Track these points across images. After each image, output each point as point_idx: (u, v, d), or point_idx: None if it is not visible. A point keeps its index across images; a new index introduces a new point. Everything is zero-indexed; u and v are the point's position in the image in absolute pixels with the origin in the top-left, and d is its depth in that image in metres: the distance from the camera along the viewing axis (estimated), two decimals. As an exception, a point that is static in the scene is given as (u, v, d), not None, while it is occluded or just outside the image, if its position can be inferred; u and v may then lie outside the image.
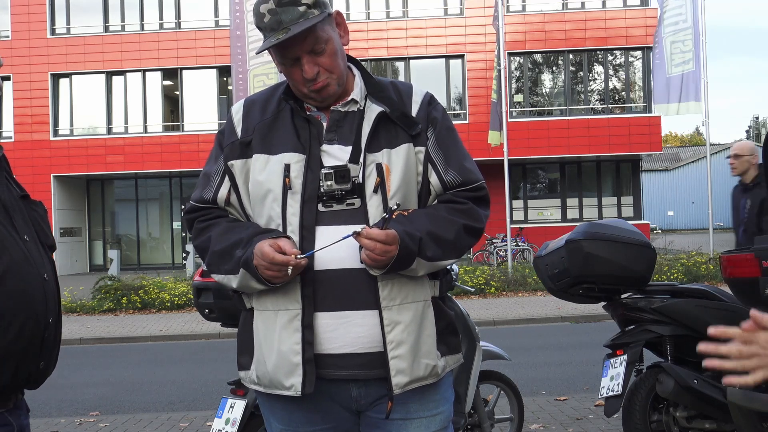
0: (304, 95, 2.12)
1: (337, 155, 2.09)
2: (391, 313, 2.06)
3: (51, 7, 27.60)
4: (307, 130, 2.11)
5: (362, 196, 2.07)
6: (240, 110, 2.20)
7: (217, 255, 2.12)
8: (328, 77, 2.09)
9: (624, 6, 27.53)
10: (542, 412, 6.13)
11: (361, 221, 2.05)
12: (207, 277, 3.98)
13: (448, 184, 2.16)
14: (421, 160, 2.15)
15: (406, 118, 2.14)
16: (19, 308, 1.67)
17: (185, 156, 26.40)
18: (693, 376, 4.12)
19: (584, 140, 26.44)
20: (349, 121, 2.13)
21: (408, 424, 2.16)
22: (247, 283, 2.07)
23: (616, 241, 4.30)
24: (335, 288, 2.04)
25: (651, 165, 47.41)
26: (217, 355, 10.03)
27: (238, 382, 4.09)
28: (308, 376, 2.03)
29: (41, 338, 1.74)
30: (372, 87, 2.18)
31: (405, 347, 2.07)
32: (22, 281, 1.69)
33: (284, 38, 1.99)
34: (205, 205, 2.20)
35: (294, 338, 2.04)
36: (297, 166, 2.07)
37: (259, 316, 2.14)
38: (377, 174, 2.07)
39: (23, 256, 1.72)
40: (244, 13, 15.42)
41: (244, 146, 2.14)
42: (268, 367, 2.09)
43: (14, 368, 1.69)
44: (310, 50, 2.05)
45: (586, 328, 11.19)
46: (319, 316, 2.05)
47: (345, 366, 2.07)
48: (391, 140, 2.11)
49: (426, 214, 2.12)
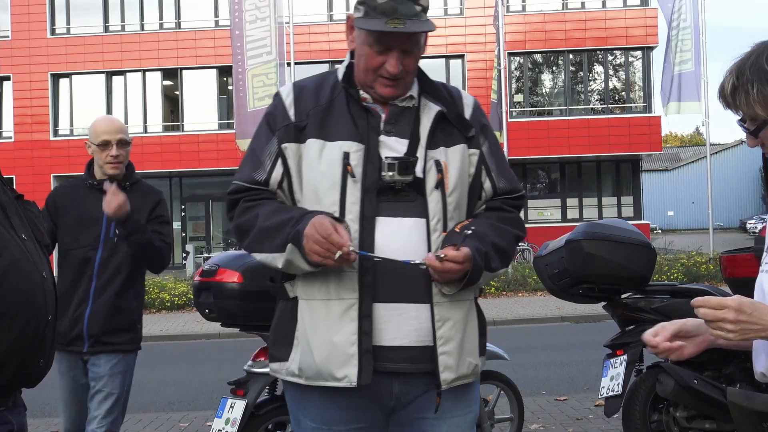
0: (366, 83, 2.13)
1: (394, 147, 2.11)
2: (441, 309, 2.07)
3: (51, 7, 27.59)
4: (365, 120, 2.12)
5: (421, 191, 2.08)
6: (290, 94, 2.18)
7: (264, 231, 2.07)
8: (404, 79, 2.12)
9: (624, 6, 27.53)
10: (542, 412, 6.13)
11: (420, 215, 2.07)
12: (207, 277, 3.98)
13: (499, 191, 2.22)
14: (473, 163, 2.19)
15: (461, 119, 2.19)
16: (20, 307, 1.68)
17: (185, 156, 26.40)
18: (693, 376, 4.12)
19: (584, 140, 26.44)
20: (407, 116, 2.15)
21: (441, 423, 2.17)
22: (293, 260, 2.02)
23: (616, 241, 4.29)
24: (392, 279, 2.05)
25: (651, 165, 47.39)
26: (217, 355, 10.03)
27: (238, 382, 4.08)
28: (365, 366, 2.02)
29: (41, 336, 1.74)
30: (426, 85, 2.21)
31: (453, 344, 2.09)
32: (23, 280, 1.70)
33: (402, 30, 2.01)
34: (255, 186, 2.15)
35: (349, 328, 2.03)
36: (356, 155, 2.07)
37: (306, 306, 2.11)
38: (437, 171, 2.09)
39: (23, 255, 1.72)
40: (243, 13, 15.41)
41: (298, 130, 2.12)
42: (316, 358, 2.06)
43: (16, 366, 1.70)
44: (405, 48, 2.08)
45: (586, 328, 11.19)
46: (375, 307, 2.04)
47: (394, 359, 2.07)
48: (448, 139, 2.15)
49: (487, 225, 2.15)
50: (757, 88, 1.61)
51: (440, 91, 2.22)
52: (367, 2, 2.06)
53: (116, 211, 3.46)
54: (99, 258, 3.62)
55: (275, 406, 4.20)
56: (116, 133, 3.69)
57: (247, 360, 4.21)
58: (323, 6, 27.45)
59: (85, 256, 3.61)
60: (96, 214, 3.60)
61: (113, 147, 3.66)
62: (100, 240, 3.63)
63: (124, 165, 3.74)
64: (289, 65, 16.59)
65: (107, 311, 3.62)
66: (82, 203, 3.68)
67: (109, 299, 3.62)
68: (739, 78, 1.65)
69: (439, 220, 2.09)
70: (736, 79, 1.65)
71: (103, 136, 3.66)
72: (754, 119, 1.66)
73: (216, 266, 3.97)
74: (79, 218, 3.65)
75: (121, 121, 3.84)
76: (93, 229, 3.63)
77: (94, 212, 3.61)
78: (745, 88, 1.63)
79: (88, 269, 3.62)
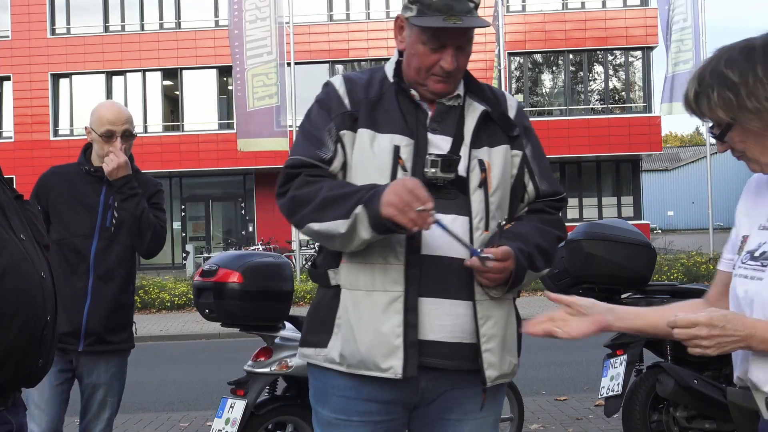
0: (417, 81, 2.15)
1: (439, 145, 2.13)
2: (484, 307, 2.09)
3: (51, 7, 27.59)
4: (414, 115, 2.14)
5: (463, 190, 2.10)
6: (342, 84, 2.20)
7: (329, 200, 2.04)
8: (456, 76, 2.14)
9: (624, 6, 27.53)
10: (542, 412, 6.13)
11: (463, 214, 2.09)
12: (207, 277, 3.98)
13: (542, 193, 2.24)
14: (516, 164, 2.21)
15: (506, 119, 2.21)
16: (19, 307, 1.68)
17: (185, 156, 26.40)
18: (693, 376, 4.12)
19: (584, 140, 26.44)
20: (452, 115, 2.18)
21: (464, 424, 2.18)
22: (356, 227, 2.00)
23: (616, 241, 4.30)
24: (436, 274, 2.06)
25: (651, 165, 47.39)
26: (217, 355, 10.03)
27: (238, 382, 4.09)
28: (410, 359, 2.03)
29: (40, 336, 1.74)
30: (472, 85, 2.23)
31: (496, 341, 2.11)
32: (22, 280, 1.70)
33: (460, 25, 2.03)
34: (318, 163, 2.14)
35: (394, 320, 2.04)
36: (406, 150, 2.10)
37: (349, 295, 2.11)
38: (481, 170, 2.11)
39: (22, 256, 1.72)
40: (243, 13, 15.40)
41: (353, 120, 2.14)
42: (360, 347, 2.07)
43: (15, 366, 1.70)
44: (459, 45, 2.10)
45: (586, 328, 11.18)
46: (420, 301, 2.06)
47: (432, 353, 2.08)
48: (492, 139, 2.17)
49: (530, 226, 2.17)
50: (717, 92, 1.63)
51: (485, 91, 2.24)
52: (421, 1, 2.07)
53: (115, 171, 3.27)
54: (94, 249, 3.34)
55: (275, 406, 4.21)
56: (122, 123, 3.38)
57: (247, 360, 4.22)
58: (323, 6, 27.45)
59: (77, 247, 3.32)
60: (91, 201, 3.36)
61: (117, 139, 3.35)
62: (95, 229, 3.35)
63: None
64: (289, 65, 16.59)
65: (109, 307, 3.36)
66: (76, 189, 3.38)
67: (112, 294, 3.36)
68: (701, 84, 1.66)
69: (482, 218, 2.11)
70: (698, 86, 1.67)
71: (107, 125, 3.35)
72: (719, 124, 1.67)
73: (216, 266, 3.97)
74: (71, 205, 3.35)
75: (128, 110, 3.51)
76: (87, 217, 3.35)
77: (88, 199, 3.36)
78: (706, 93, 1.65)
79: (83, 261, 3.33)
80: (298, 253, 17.55)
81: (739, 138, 1.66)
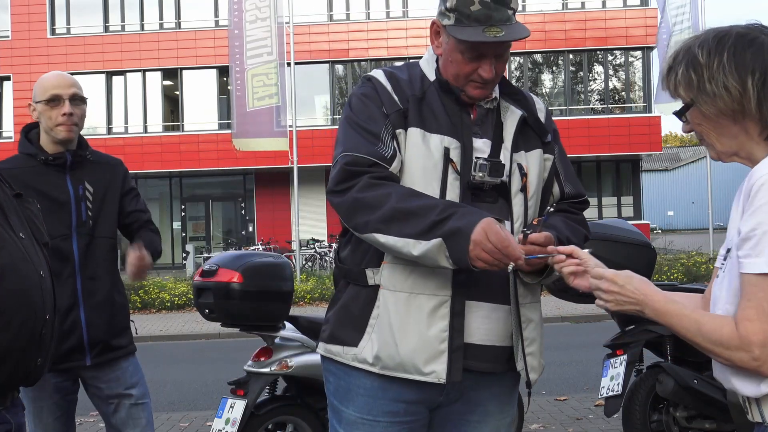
0: (455, 86, 2.12)
1: (481, 149, 2.12)
2: (525, 310, 2.11)
3: (51, 7, 27.59)
4: (459, 117, 2.12)
5: (503, 194, 2.10)
6: (387, 80, 2.14)
7: (400, 213, 1.94)
8: (494, 81, 2.12)
9: (624, 6, 27.53)
10: (542, 412, 6.13)
11: (504, 218, 2.09)
12: (207, 277, 3.97)
13: (567, 195, 2.26)
14: (547, 168, 2.22)
15: (540, 124, 2.20)
16: (17, 306, 1.68)
17: (185, 156, 26.39)
18: (693, 376, 4.12)
19: (584, 140, 26.42)
20: (490, 118, 2.17)
21: (483, 427, 2.19)
22: (435, 255, 1.90)
23: (616, 241, 4.29)
24: (481, 278, 2.04)
25: (651, 165, 47.39)
26: (217, 355, 10.03)
27: (238, 382, 4.09)
28: (455, 363, 2.02)
29: (39, 335, 1.74)
30: (506, 87, 2.22)
31: (536, 345, 2.14)
32: (20, 279, 1.70)
33: (501, 39, 2.00)
34: (381, 162, 2.04)
35: (440, 325, 2.02)
36: (455, 153, 2.08)
37: (391, 296, 2.07)
38: (521, 174, 2.12)
39: (20, 255, 1.72)
40: (243, 13, 15.41)
41: (404, 117, 2.10)
42: (400, 350, 2.03)
43: (13, 365, 1.70)
44: (499, 53, 2.08)
45: (586, 328, 11.19)
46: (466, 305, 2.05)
47: (473, 357, 2.08)
48: (527, 144, 2.17)
49: (562, 221, 2.17)
50: (683, 70, 1.64)
51: (519, 94, 2.22)
52: (459, 9, 2.02)
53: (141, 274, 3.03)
54: (77, 249, 2.98)
55: (275, 406, 4.21)
56: (69, 87, 2.98)
57: (247, 360, 4.22)
58: (323, 6, 27.44)
59: (58, 249, 2.88)
60: (60, 195, 2.97)
61: (65, 103, 2.93)
62: (71, 227, 2.98)
63: (80, 129, 3.02)
64: (289, 65, 16.59)
65: (106, 309, 3.04)
66: (41, 185, 2.93)
67: (105, 295, 3.03)
68: (674, 60, 1.68)
69: (522, 223, 2.11)
70: (672, 61, 1.69)
71: (51, 90, 2.94)
72: (683, 103, 1.68)
73: (216, 266, 3.97)
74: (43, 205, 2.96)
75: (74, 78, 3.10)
76: (60, 215, 2.95)
77: (57, 194, 2.96)
78: (675, 69, 1.66)
79: (67, 265, 2.95)
80: (298, 253, 17.55)
81: (696, 120, 1.66)
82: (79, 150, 3.05)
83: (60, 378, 3.01)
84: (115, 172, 3.15)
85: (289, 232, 23.64)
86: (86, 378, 3.09)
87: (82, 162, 3.04)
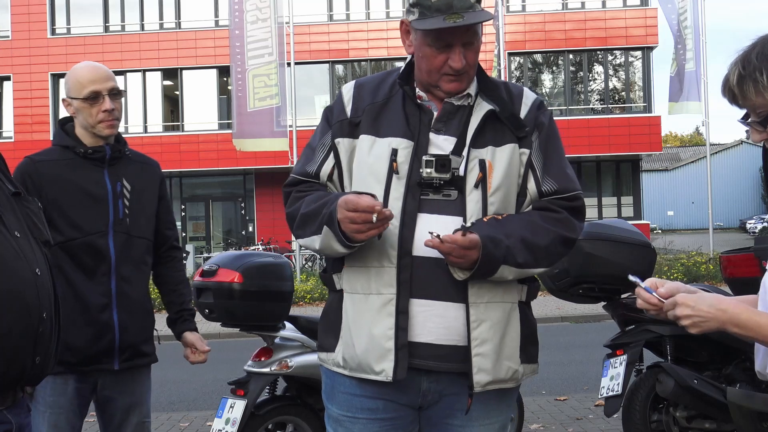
0: (430, 83, 2.14)
1: (441, 146, 2.12)
2: (477, 310, 2.07)
3: (51, 7, 27.59)
4: (417, 117, 2.13)
5: (461, 189, 2.09)
6: (351, 90, 2.23)
7: (305, 217, 2.14)
8: (468, 73, 2.12)
9: (624, 6, 27.53)
10: (542, 412, 6.14)
11: (458, 214, 2.07)
12: (207, 277, 3.98)
13: (545, 192, 2.17)
14: (524, 163, 2.16)
15: (514, 119, 2.17)
16: (8, 305, 1.67)
17: (185, 156, 26.40)
18: (693, 376, 4.12)
19: (584, 140, 26.42)
20: (460, 114, 2.16)
21: (467, 431, 2.17)
22: (329, 243, 2.07)
23: (616, 241, 4.29)
24: (430, 276, 2.06)
25: (651, 165, 47.38)
26: (217, 355, 9.98)
27: (238, 382, 4.09)
28: (401, 362, 2.04)
29: (35, 333, 1.73)
30: (485, 84, 2.20)
31: (489, 346, 2.07)
32: (11, 278, 1.69)
33: (461, 23, 2.01)
34: (306, 178, 2.22)
35: (386, 323, 2.05)
36: (404, 152, 2.09)
37: (349, 299, 2.13)
38: (479, 170, 2.09)
39: (13, 253, 1.72)
40: (244, 13, 15.41)
41: (353, 126, 2.16)
42: (357, 351, 2.09)
43: (6, 364, 1.69)
44: (466, 42, 2.09)
45: (586, 328, 11.19)
46: (411, 303, 2.06)
47: (425, 355, 2.07)
48: (498, 139, 2.13)
49: (520, 220, 2.12)
50: (767, 75, 1.59)
51: (498, 89, 2.20)
52: (421, 3, 2.05)
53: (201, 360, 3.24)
54: (113, 247, 2.83)
55: (275, 406, 4.21)
56: (106, 80, 2.85)
57: (247, 360, 4.22)
58: (323, 6, 27.44)
59: (93, 246, 2.80)
60: (98, 190, 2.84)
61: (105, 99, 2.81)
62: (109, 224, 2.84)
63: (119, 122, 2.90)
64: (289, 65, 16.59)
65: (139, 313, 2.94)
66: (77, 179, 2.83)
67: (138, 298, 2.93)
68: (746, 67, 1.62)
69: (478, 219, 2.07)
70: (743, 69, 1.63)
71: (90, 86, 2.81)
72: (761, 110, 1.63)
73: (216, 266, 3.97)
74: (79, 199, 2.81)
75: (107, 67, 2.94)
76: (97, 210, 2.83)
77: (94, 189, 2.84)
78: (753, 76, 1.61)
79: (102, 263, 2.83)
80: (298, 253, 17.55)
81: None
82: (117, 145, 2.93)
83: (82, 383, 2.87)
84: (153, 173, 3.05)
85: (289, 232, 23.58)
86: (104, 384, 2.94)
87: (120, 158, 2.92)
